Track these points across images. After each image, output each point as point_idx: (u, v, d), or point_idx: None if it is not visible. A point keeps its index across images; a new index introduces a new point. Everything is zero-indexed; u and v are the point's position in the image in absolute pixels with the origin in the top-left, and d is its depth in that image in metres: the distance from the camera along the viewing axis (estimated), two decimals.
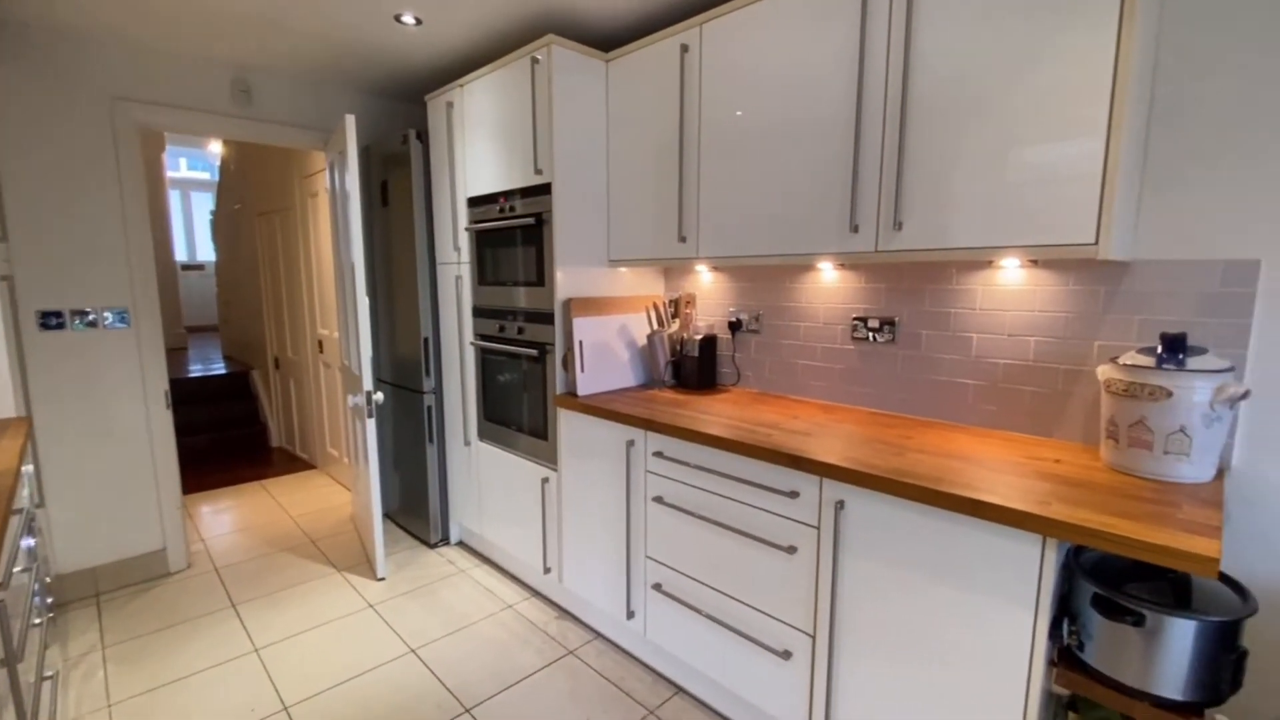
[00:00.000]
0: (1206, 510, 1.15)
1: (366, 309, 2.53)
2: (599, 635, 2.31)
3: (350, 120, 2.42)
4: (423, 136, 2.77)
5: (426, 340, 2.87)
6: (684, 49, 1.99)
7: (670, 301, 2.50)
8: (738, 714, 1.85)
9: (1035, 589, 1.18)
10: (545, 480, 2.37)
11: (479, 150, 2.50)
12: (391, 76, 2.91)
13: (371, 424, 2.55)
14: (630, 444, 1.98)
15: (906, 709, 1.39)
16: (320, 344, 3.99)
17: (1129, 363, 1.36)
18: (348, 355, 2.93)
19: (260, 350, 5.15)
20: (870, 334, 1.99)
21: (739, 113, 1.86)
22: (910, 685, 1.38)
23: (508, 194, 2.39)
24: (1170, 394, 1.27)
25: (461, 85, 2.54)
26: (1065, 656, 1.25)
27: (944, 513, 1.29)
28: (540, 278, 2.28)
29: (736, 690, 1.76)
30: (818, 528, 1.51)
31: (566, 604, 2.47)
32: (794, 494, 1.55)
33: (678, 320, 2.44)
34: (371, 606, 2.50)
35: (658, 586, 1.96)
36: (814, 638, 1.55)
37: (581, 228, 2.27)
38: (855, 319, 2.02)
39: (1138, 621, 1.11)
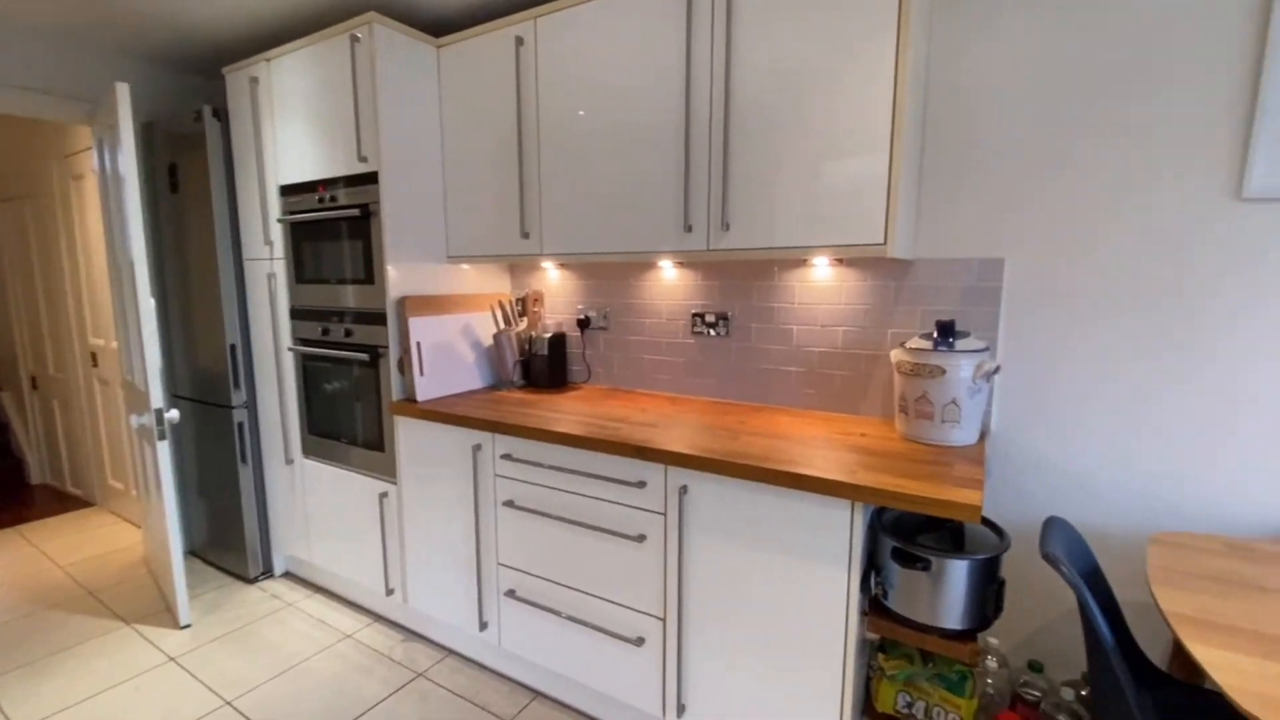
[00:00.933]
0: (972, 467, 1.37)
1: (152, 313, 2.16)
2: (451, 652, 2.20)
3: (123, 89, 2.04)
4: (221, 115, 2.42)
5: (234, 347, 2.52)
6: (519, 42, 1.95)
7: (518, 299, 2.45)
8: (596, 708, 1.86)
9: (848, 548, 1.33)
10: (384, 495, 2.20)
11: (293, 133, 2.25)
12: (180, 42, 2.51)
13: (164, 447, 2.19)
14: (477, 448, 1.91)
15: (749, 667, 1.50)
16: (94, 357, 3.33)
17: (913, 346, 1.58)
18: (130, 368, 2.48)
19: (9, 367, 4.18)
20: (707, 328, 2.11)
21: (581, 112, 1.87)
22: (751, 646, 1.48)
23: (328, 183, 2.18)
24: (944, 371, 1.50)
25: (268, 59, 2.27)
26: (874, 605, 1.42)
27: (772, 488, 1.40)
28: (370, 274, 2.11)
29: (594, 685, 1.78)
30: (664, 514, 1.57)
31: (414, 625, 2.31)
32: (641, 484, 1.60)
33: (526, 319, 2.40)
34: (173, 660, 2.14)
35: (511, 593, 1.91)
36: (664, 620, 1.61)
37: (415, 221, 2.14)
38: (694, 314, 2.13)
39: (926, 567, 1.30)
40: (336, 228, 2.18)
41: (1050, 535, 1.22)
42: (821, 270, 1.89)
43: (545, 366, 2.30)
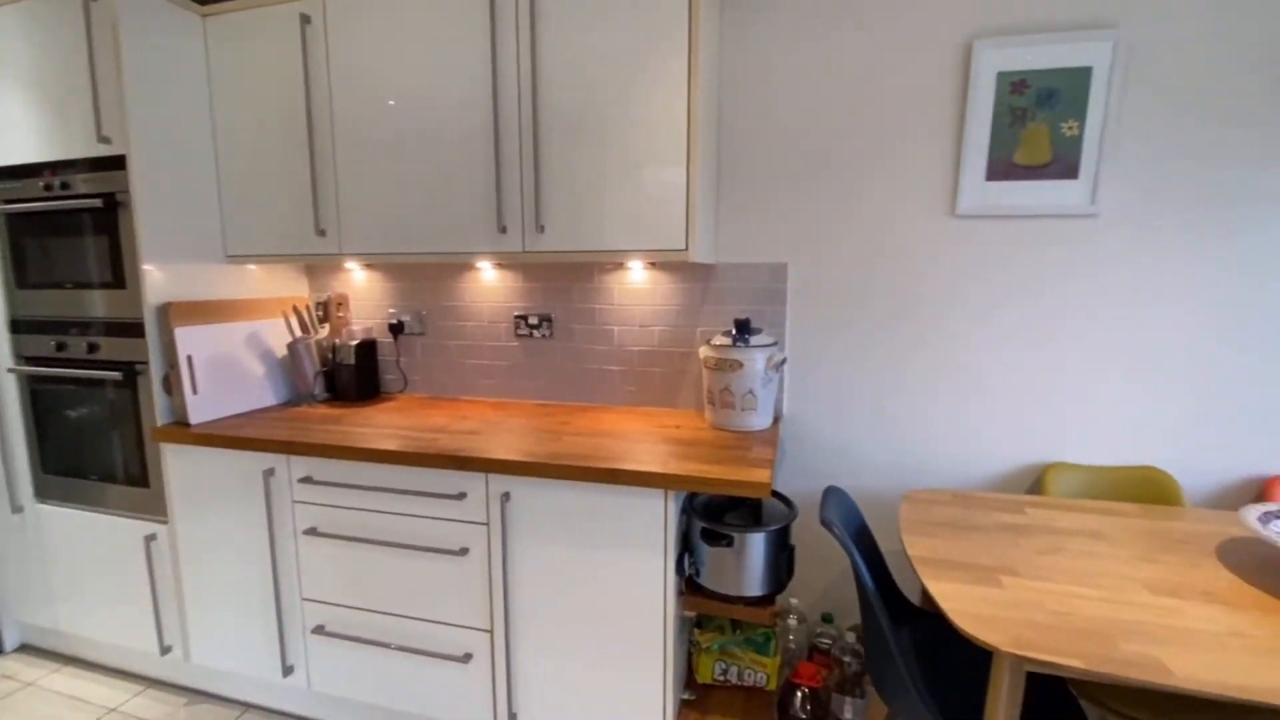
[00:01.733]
0: (765, 449, 1.53)
1: None
2: (250, 707, 1.93)
3: None
4: None
5: None
6: (305, 20, 1.77)
7: (318, 304, 2.22)
8: None
9: (664, 535, 1.41)
10: (151, 538, 1.87)
11: (8, 106, 1.81)
12: None
13: None
14: (269, 473, 1.70)
15: (579, 663, 1.52)
16: None
17: (717, 343, 1.72)
18: None
19: None
20: (531, 330, 2.10)
21: (391, 102, 1.74)
22: (580, 643, 1.51)
23: (57, 166, 1.79)
24: (742, 365, 1.66)
25: None
26: (690, 585, 1.52)
27: (592, 485, 1.44)
28: (120, 277, 1.77)
29: (421, 711, 1.68)
30: (487, 524, 1.53)
31: (200, 683, 2.00)
32: (461, 495, 1.54)
33: (328, 325, 2.19)
34: None
35: (320, 629, 1.73)
36: (491, 632, 1.57)
37: (181, 214, 1.84)
38: (517, 316, 2.11)
39: (730, 543, 1.42)
40: (74, 221, 1.80)
41: (827, 503, 1.40)
42: (637, 273, 1.97)
43: (353, 377, 2.12)
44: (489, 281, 2.13)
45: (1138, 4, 1.52)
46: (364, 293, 2.27)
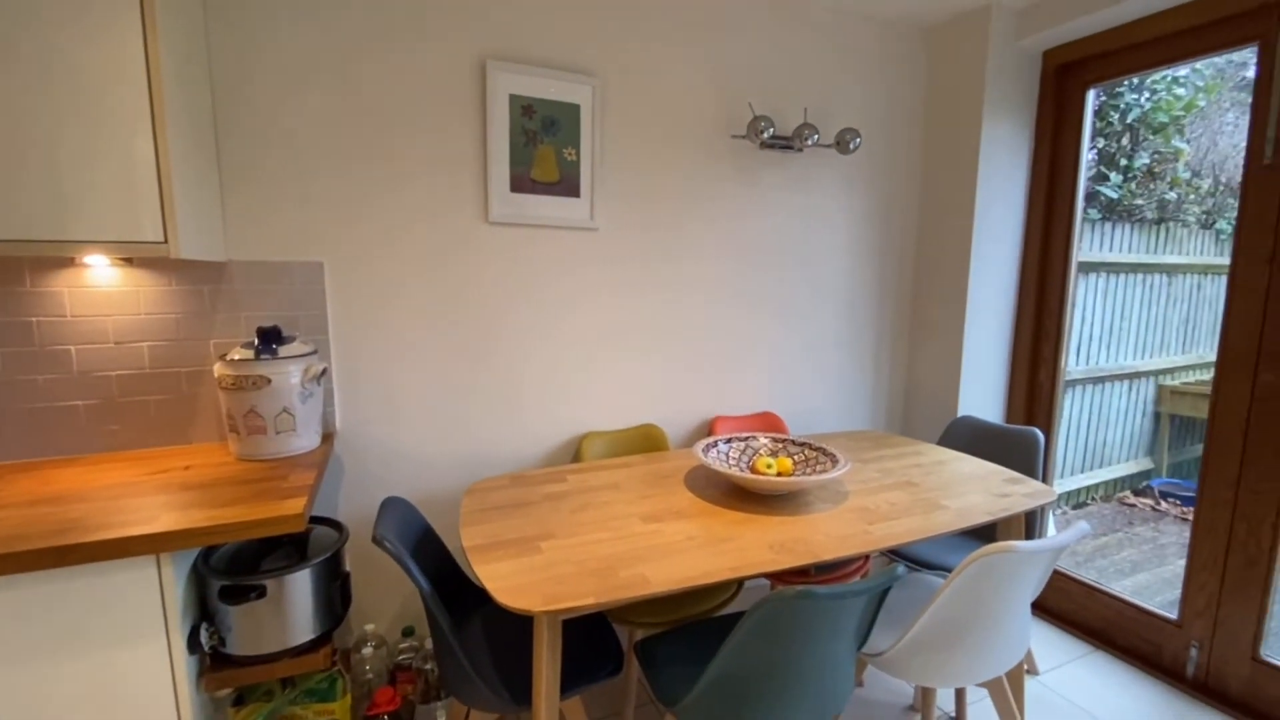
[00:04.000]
0: (306, 474, 1.36)
1: None
2: None
3: None
4: None
5: None
6: None
7: None
8: None
9: (161, 611, 1.09)
10: None
11: None
12: None
13: None
14: None
15: None
16: None
17: (235, 358, 1.44)
18: None
19: None
20: None
21: None
22: None
23: None
24: (270, 380, 1.42)
25: None
26: (215, 659, 1.23)
27: (33, 575, 1.01)
28: None
29: None
30: None
31: None
32: None
33: None
34: None
35: None
36: None
37: None
38: None
39: (261, 594, 1.20)
40: None
41: (382, 518, 1.33)
42: (103, 272, 1.48)
43: None
44: None
45: (609, 58, 1.91)
46: None
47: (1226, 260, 1.82)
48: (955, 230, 2.30)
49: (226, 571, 1.25)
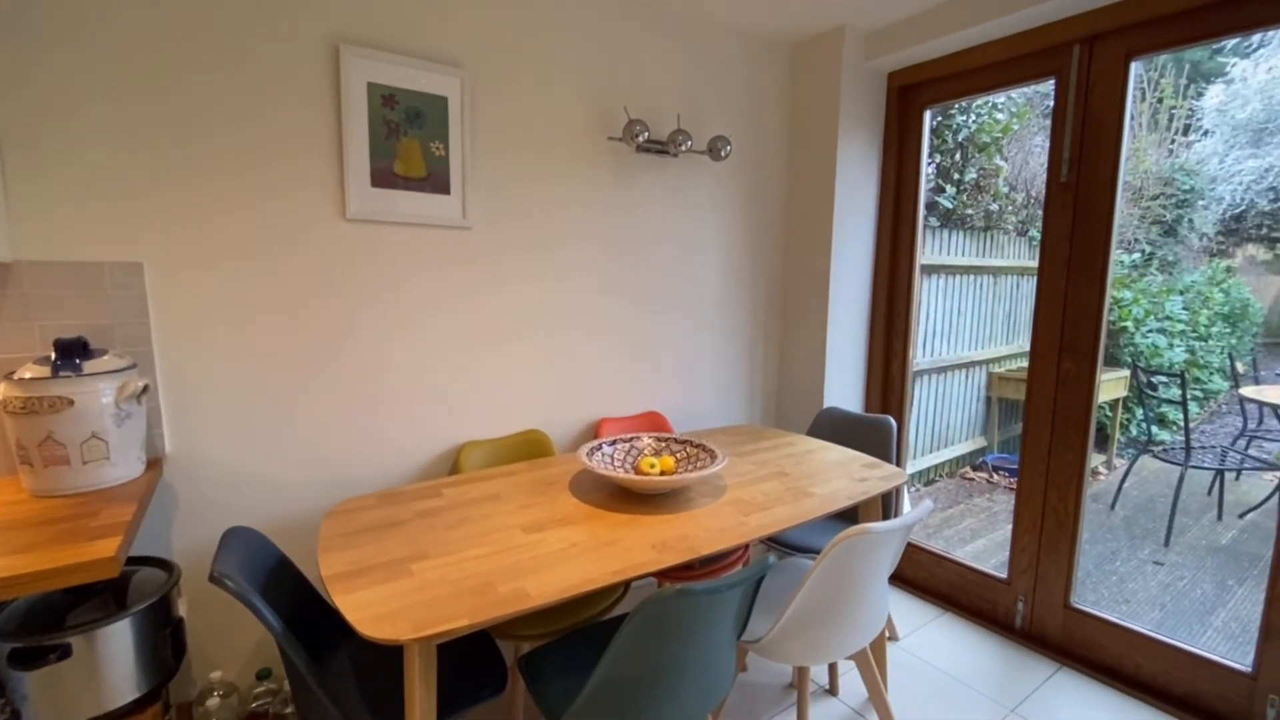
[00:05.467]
0: (123, 508, 1.17)
1: None
2: None
3: None
4: None
5: None
6: None
7: None
8: None
9: None
10: None
11: None
12: None
13: None
14: None
15: None
16: None
17: (26, 377, 1.21)
18: None
19: None
20: None
21: None
22: None
23: None
24: (73, 402, 1.21)
25: None
26: None
27: None
28: None
29: None
30: None
31: None
32: None
33: None
34: None
35: None
36: None
37: None
38: None
39: (65, 654, 1.02)
40: None
41: (222, 552, 1.18)
42: None
43: None
44: None
45: (479, 51, 1.83)
46: None
47: (1037, 263, 2.10)
48: (818, 236, 2.46)
49: (19, 631, 1.05)
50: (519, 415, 2.07)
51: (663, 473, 1.66)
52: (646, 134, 2.03)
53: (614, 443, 1.81)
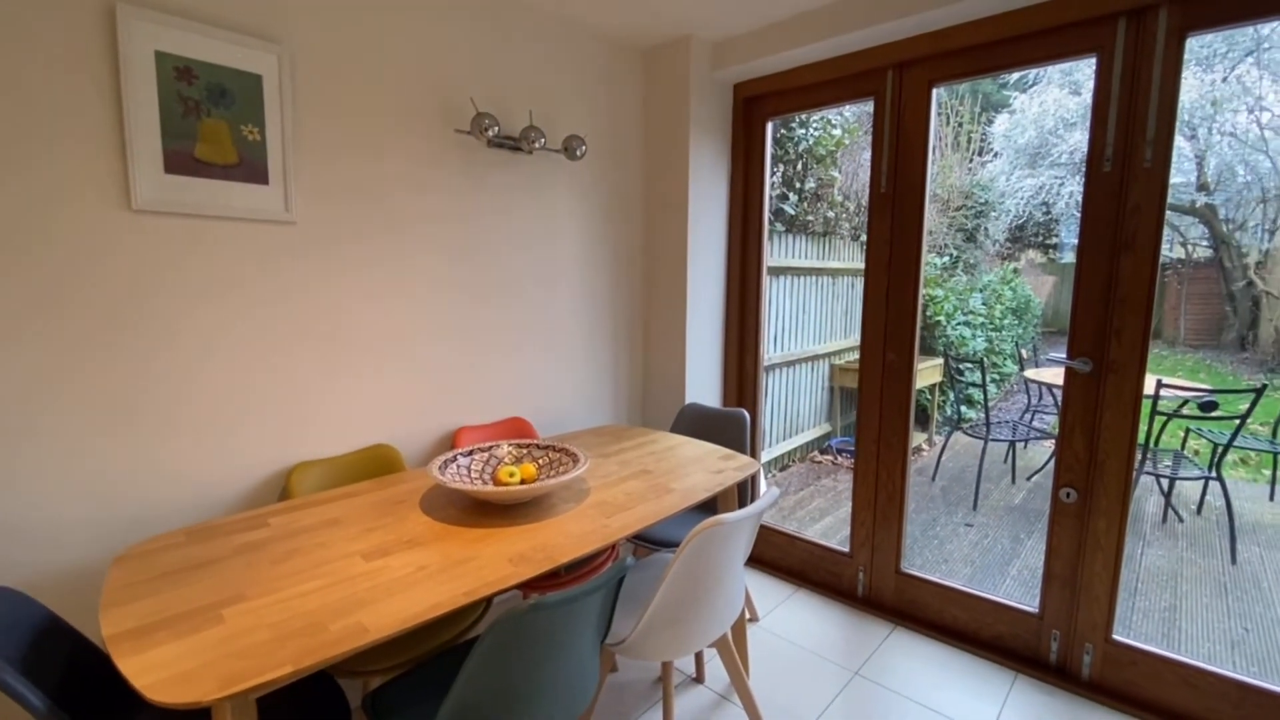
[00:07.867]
0: None
1: None
2: None
3: None
4: None
5: None
6: None
7: None
8: None
9: None
10: None
11: None
12: None
13: None
14: None
15: None
16: None
17: None
18: None
19: None
20: None
21: None
22: None
23: None
24: None
25: None
26: None
27: None
28: None
29: None
30: None
31: None
32: None
33: None
34: None
35: None
36: None
37: None
38: None
39: None
40: None
41: None
42: None
43: None
44: None
45: (301, 25, 1.64)
46: None
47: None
48: (674, 238, 2.53)
49: None
50: (363, 429, 1.89)
51: (523, 481, 1.60)
52: (497, 128, 1.95)
53: (470, 453, 1.71)
